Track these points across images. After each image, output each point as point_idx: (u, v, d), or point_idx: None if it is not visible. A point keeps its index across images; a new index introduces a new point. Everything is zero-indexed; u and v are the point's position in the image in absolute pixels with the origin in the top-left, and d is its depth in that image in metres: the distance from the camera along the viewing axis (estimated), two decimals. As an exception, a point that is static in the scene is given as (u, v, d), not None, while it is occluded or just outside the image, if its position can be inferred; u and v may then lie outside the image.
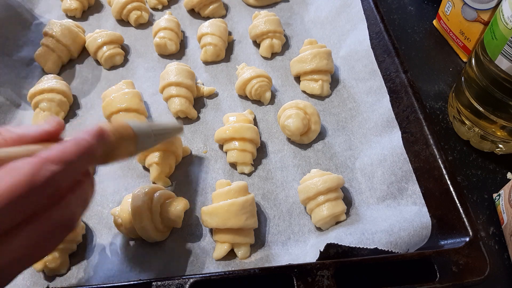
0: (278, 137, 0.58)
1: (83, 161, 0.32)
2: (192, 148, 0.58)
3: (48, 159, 0.29)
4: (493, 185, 0.55)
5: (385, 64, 0.57)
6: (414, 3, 0.79)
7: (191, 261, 0.47)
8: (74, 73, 0.68)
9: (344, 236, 0.43)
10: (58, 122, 0.35)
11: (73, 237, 0.47)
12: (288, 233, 0.49)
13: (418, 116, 0.49)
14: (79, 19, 0.76)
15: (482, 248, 0.39)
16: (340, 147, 0.56)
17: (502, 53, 0.46)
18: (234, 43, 0.71)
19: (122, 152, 0.39)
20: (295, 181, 0.53)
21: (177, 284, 0.37)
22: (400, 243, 0.41)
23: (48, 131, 0.34)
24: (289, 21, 0.74)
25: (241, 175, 0.55)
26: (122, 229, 0.48)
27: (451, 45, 0.71)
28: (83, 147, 0.32)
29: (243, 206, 0.46)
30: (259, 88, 0.60)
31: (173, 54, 0.69)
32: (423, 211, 0.45)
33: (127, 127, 0.39)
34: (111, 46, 0.67)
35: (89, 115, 0.62)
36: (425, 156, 0.47)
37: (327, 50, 0.62)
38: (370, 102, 0.57)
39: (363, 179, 0.52)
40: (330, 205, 0.47)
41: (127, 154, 0.40)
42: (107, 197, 0.53)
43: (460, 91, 0.57)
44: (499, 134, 0.53)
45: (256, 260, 0.47)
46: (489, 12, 0.59)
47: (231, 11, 0.76)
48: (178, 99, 0.59)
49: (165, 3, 0.77)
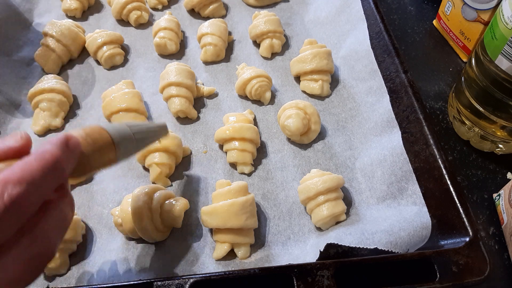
0: (278, 137, 0.58)
1: (50, 177, 0.28)
2: (192, 148, 0.58)
3: (8, 181, 0.25)
4: (493, 185, 0.55)
5: (385, 64, 0.57)
6: (414, 3, 0.79)
7: (191, 261, 0.47)
8: (74, 73, 0.68)
9: (344, 236, 0.43)
10: (25, 137, 0.30)
11: (73, 237, 0.47)
12: (288, 233, 0.49)
13: (418, 116, 0.49)
14: (79, 19, 0.76)
15: (482, 248, 0.39)
16: (340, 147, 0.56)
17: (502, 53, 0.46)
18: (234, 43, 0.71)
19: (100, 161, 0.35)
20: (295, 181, 0.53)
21: (177, 284, 0.37)
22: (400, 243, 0.41)
23: (12, 148, 0.29)
24: (289, 21, 0.74)
25: (241, 175, 0.55)
26: (122, 229, 0.48)
27: (451, 45, 0.71)
28: (48, 161, 0.27)
29: (243, 206, 0.46)
30: (259, 88, 0.60)
31: (173, 54, 0.69)
32: (423, 211, 0.45)
33: (101, 131, 0.35)
34: (111, 46, 0.67)
35: (89, 115, 0.62)
36: (425, 156, 0.47)
37: (327, 50, 0.62)
38: (370, 102, 0.57)
39: (363, 179, 0.52)
40: (330, 205, 0.47)
41: (107, 163, 0.35)
42: (107, 197, 0.53)
43: (460, 91, 0.57)
44: (499, 134, 0.53)
45: (256, 260, 0.47)
46: (489, 12, 0.59)
47: (231, 11, 0.76)
48: (178, 99, 0.59)
49: (165, 3, 0.77)
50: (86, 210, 0.52)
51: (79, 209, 0.52)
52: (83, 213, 0.52)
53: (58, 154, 0.29)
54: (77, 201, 0.53)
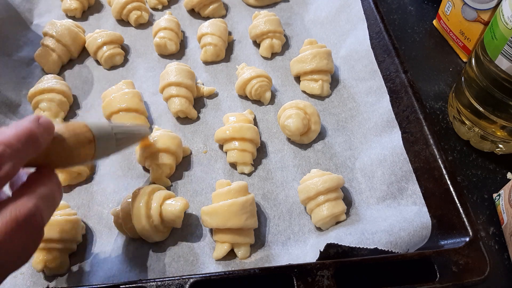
0: (278, 137, 0.58)
1: (26, 143, 0.31)
2: (192, 148, 0.58)
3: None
4: (493, 185, 0.55)
5: (385, 64, 0.57)
6: (414, 3, 0.79)
7: (191, 261, 0.47)
8: (74, 73, 0.68)
9: (344, 236, 0.43)
10: None
11: (73, 237, 0.47)
12: (288, 233, 0.49)
13: (418, 116, 0.49)
14: (79, 19, 0.76)
15: (482, 248, 0.39)
16: (340, 147, 0.56)
17: (502, 53, 0.46)
18: (234, 43, 0.71)
19: (79, 155, 0.37)
20: (295, 181, 0.53)
21: (177, 284, 0.37)
22: (400, 243, 0.41)
23: None
24: (289, 21, 0.74)
25: (241, 175, 0.55)
26: (122, 229, 0.48)
27: (451, 45, 0.71)
28: (22, 129, 0.31)
29: (243, 206, 0.46)
30: (259, 88, 0.60)
31: (173, 54, 0.69)
32: (423, 211, 0.45)
33: (82, 125, 0.37)
34: (111, 46, 0.67)
35: (89, 115, 0.62)
36: (425, 156, 0.47)
37: (327, 50, 0.62)
38: (370, 102, 0.57)
39: (363, 179, 0.52)
40: (330, 205, 0.47)
41: (85, 158, 0.38)
42: (107, 197, 0.53)
43: (460, 91, 0.57)
44: (499, 134, 0.53)
45: (256, 260, 0.47)
46: (489, 12, 0.59)
47: (231, 11, 0.76)
48: (178, 99, 0.59)
49: (165, 3, 0.77)
50: (86, 210, 0.52)
51: (79, 209, 0.52)
52: (83, 213, 0.52)
53: (31, 126, 0.32)
54: (77, 201, 0.53)
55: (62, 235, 0.46)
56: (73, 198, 0.53)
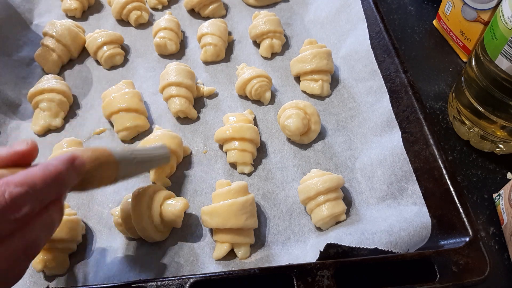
0: (278, 137, 0.58)
1: (50, 188, 0.30)
2: (192, 148, 0.58)
3: (10, 182, 0.28)
4: (493, 185, 0.55)
5: (385, 64, 0.57)
6: (414, 3, 0.79)
7: (191, 261, 0.47)
8: (74, 73, 0.68)
9: (344, 236, 0.43)
10: (31, 143, 0.33)
11: (73, 237, 0.47)
12: (288, 233, 0.49)
13: (418, 116, 0.49)
14: (79, 19, 0.76)
15: (482, 248, 0.39)
16: (340, 147, 0.56)
17: (502, 53, 0.46)
18: (234, 43, 0.71)
19: (101, 179, 0.38)
20: (295, 181, 0.53)
21: (177, 284, 0.37)
22: (400, 243, 0.41)
23: (18, 152, 0.32)
24: (289, 21, 0.74)
25: (241, 175, 0.55)
26: (122, 229, 0.48)
27: (451, 45, 0.71)
28: (51, 173, 0.30)
29: (243, 206, 0.46)
30: (259, 88, 0.60)
31: (173, 54, 0.69)
32: (423, 211, 0.45)
33: (108, 154, 0.38)
34: (111, 46, 0.67)
35: (89, 115, 0.62)
36: (425, 156, 0.47)
37: (327, 50, 0.62)
38: (370, 102, 0.57)
39: (363, 179, 0.52)
40: (330, 205, 0.47)
41: (107, 181, 0.39)
42: (107, 197, 0.53)
43: (460, 91, 0.57)
44: (499, 134, 0.53)
45: (256, 260, 0.47)
46: (489, 12, 0.59)
47: (231, 11, 0.76)
48: (178, 99, 0.59)
49: (165, 3, 0.77)
50: (86, 210, 0.52)
51: (79, 209, 0.52)
52: (83, 213, 0.52)
53: (62, 169, 0.31)
54: (77, 201, 0.53)
55: (62, 235, 0.46)
56: (73, 198, 0.53)
